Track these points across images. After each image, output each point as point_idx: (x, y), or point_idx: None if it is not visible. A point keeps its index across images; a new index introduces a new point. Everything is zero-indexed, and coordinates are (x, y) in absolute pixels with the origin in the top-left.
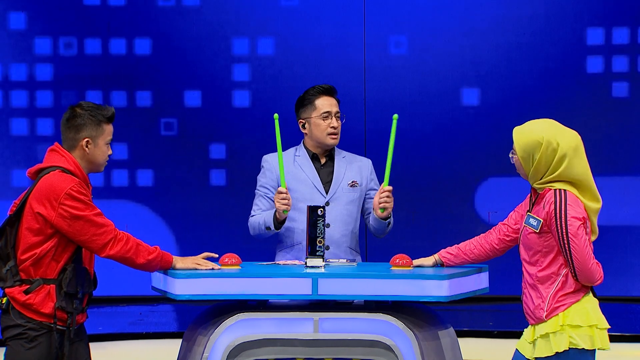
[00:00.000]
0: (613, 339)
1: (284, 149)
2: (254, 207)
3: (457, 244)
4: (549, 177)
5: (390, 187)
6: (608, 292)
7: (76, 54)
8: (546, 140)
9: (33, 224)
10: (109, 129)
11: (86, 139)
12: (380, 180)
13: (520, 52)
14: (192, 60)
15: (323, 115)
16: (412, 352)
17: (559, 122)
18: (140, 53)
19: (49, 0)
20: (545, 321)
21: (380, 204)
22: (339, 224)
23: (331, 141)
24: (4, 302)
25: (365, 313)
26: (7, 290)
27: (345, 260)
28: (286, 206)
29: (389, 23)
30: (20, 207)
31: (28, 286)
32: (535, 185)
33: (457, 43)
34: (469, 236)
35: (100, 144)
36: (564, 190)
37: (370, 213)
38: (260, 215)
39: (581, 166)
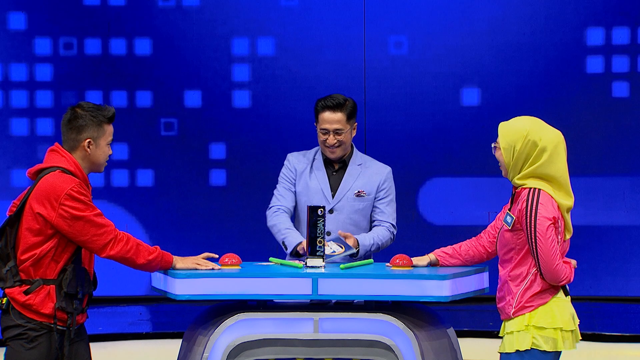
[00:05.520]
0: (613, 339)
1: (285, 151)
2: (274, 197)
3: (457, 243)
4: (527, 171)
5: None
6: (607, 292)
7: (76, 54)
8: (529, 132)
9: (33, 225)
10: (109, 129)
11: (88, 140)
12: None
13: (520, 52)
14: (192, 60)
15: (322, 131)
16: (412, 352)
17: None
18: (140, 53)
19: (49, 0)
20: (512, 318)
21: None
22: (341, 230)
23: (329, 154)
24: (4, 302)
25: (365, 313)
26: (7, 290)
27: (340, 248)
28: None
29: (389, 23)
30: (20, 208)
31: (28, 286)
32: (514, 181)
33: (457, 43)
34: (469, 236)
35: (101, 145)
36: (538, 189)
37: (374, 221)
38: (285, 228)
39: (560, 164)
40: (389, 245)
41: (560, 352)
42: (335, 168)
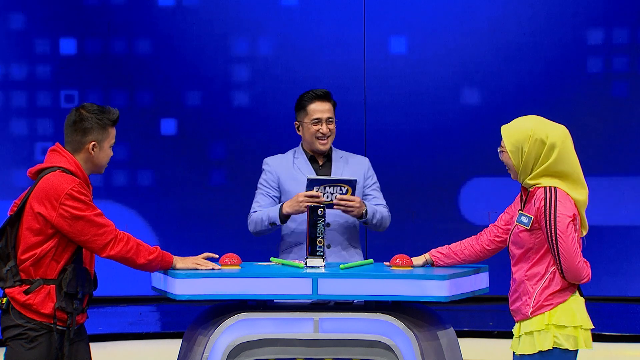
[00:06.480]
0: (613, 339)
1: (284, 150)
2: (254, 205)
3: (453, 243)
4: (538, 170)
5: (354, 199)
6: (608, 292)
7: (76, 54)
8: (534, 132)
9: (33, 224)
10: (113, 132)
11: (93, 143)
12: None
13: (520, 52)
14: (192, 60)
15: (314, 121)
16: (412, 352)
17: (559, 122)
18: (140, 53)
19: (49, 0)
20: (530, 318)
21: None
22: (340, 222)
23: (320, 146)
24: (4, 302)
25: (365, 313)
26: (7, 290)
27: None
28: (310, 203)
29: (389, 23)
30: (20, 207)
31: (28, 286)
32: (526, 181)
33: (457, 43)
34: (469, 236)
35: (105, 147)
36: (555, 187)
37: None
38: (262, 212)
39: (571, 159)
40: (388, 225)
41: (578, 351)
42: (320, 163)
